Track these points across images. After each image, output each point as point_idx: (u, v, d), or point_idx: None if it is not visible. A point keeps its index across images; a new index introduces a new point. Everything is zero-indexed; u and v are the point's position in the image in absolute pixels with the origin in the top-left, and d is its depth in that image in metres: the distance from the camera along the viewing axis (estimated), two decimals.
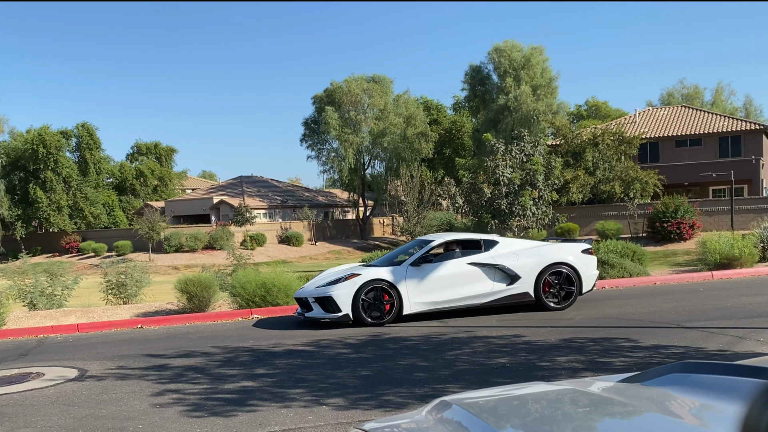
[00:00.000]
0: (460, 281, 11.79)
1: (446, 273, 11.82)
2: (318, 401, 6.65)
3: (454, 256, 12.15)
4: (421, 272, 11.76)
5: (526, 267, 11.95)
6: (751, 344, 8.23)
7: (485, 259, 11.94)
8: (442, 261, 12.01)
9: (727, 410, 1.90)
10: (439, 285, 11.74)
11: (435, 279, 11.76)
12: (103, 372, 8.86)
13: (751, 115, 73.66)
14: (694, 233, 33.19)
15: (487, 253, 12.05)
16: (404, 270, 11.76)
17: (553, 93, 57.43)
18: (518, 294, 11.92)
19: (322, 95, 60.34)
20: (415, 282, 11.66)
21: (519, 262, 11.94)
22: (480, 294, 11.81)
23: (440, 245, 12.47)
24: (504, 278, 11.89)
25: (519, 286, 11.90)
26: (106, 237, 55.23)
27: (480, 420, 2.04)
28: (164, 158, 74.73)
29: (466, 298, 11.79)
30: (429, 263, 11.89)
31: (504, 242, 12.44)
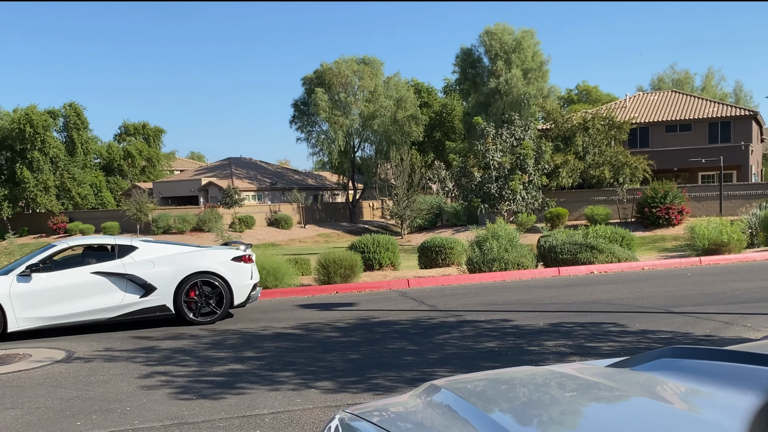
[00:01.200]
0: (83, 293, 10.45)
1: (65, 283, 10.42)
2: (307, 384, 6.65)
3: (82, 263, 10.75)
4: (33, 283, 10.30)
5: (164, 277, 10.67)
6: (738, 330, 8.29)
7: (114, 268, 10.61)
8: (62, 269, 10.59)
9: (716, 395, 1.90)
10: (56, 297, 10.35)
11: (51, 291, 10.33)
12: (90, 354, 8.82)
13: (740, 101, 73.88)
14: (683, 219, 33.41)
15: (119, 261, 10.68)
16: (10, 281, 10.23)
17: (543, 77, 57.38)
18: (154, 307, 10.66)
19: (311, 77, 60.06)
20: (23, 294, 10.18)
21: (154, 272, 10.66)
22: (108, 307, 10.51)
23: (63, 251, 10.98)
24: (137, 289, 10.61)
25: (155, 299, 10.63)
26: (93, 218, 54.99)
27: (468, 403, 2.03)
28: (152, 139, 74.28)
29: (91, 312, 10.47)
30: (45, 272, 10.44)
31: (144, 248, 10.99)
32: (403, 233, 46.82)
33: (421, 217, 47.87)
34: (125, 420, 5.83)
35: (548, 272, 15.71)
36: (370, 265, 17.78)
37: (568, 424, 1.93)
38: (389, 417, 2.17)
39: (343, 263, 15.31)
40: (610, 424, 1.84)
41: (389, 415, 2.21)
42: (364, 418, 2.13)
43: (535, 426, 1.89)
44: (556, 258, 16.47)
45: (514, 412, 2.04)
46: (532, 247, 17.92)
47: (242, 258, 11.16)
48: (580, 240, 16.82)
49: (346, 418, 2.19)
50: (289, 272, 14.85)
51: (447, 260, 18.41)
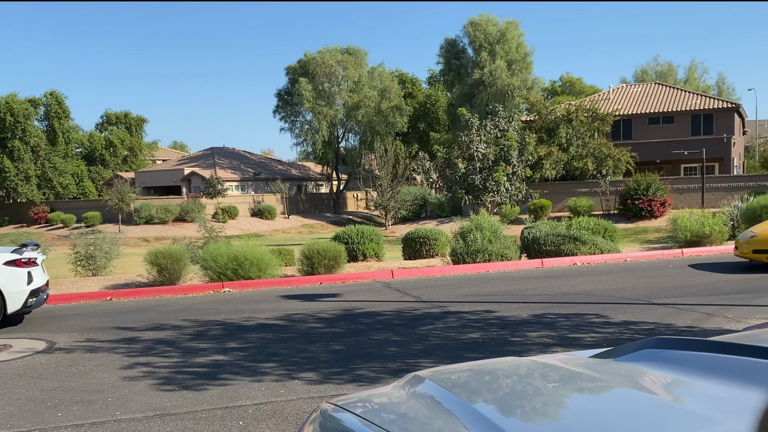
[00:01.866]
0: None
1: None
2: (290, 375, 6.63)
3: None
4: None
5: None
6: (719, 321, 8.35)
7: None
8: None
9: (700, 386, 1.90)
10: None
11: None
12: (71, 344, 8.75)
13: (723, 94, 74.37)
14: (665, 211, 33.61)
15: None
16: None
17: (527, 68, 57.46)
18: None
19: (295, 66, 59.79)
20: None
21: None
22: None
23: None
24: None
25: None
26: (75, 208, 54.51)
27: (452, 394, 2.02)
28: (134, 128, 73.69)
29: None
30: None
31: None
32: (388, 224, 46.83)
33: (405, 208, 47.88)
34: (107, 411, 5.78)
35: (532, 263, 15.77)
36: (354, 256, 17.76)
37: (552, 414, 1.93)
38: (373, 408, 2.16)
39: (326, 254, 15.28)
40: (594, 414, 1.84)
41: (373, 406, 2.20)
42: (348, 409, 2.12)
43: (519, 416, 1.88)
44: (540, 249, 16.53)
45: (498, 402, 2.04)
46: (515, 239, 17.97)
47: (16, 262, 10.14)
48: (563, 232, 16.89)
49: (329, 409, 2.17)
50: (272, 263, 14.80)
51: (431, 251, 18.43)
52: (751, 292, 10.42)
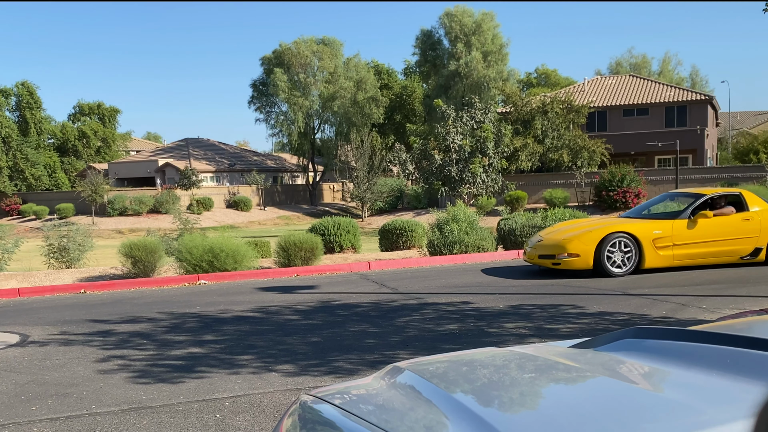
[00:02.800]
0: None
1: None
2: (267, 368, 6.60)
3: None
4: None
5: None
6: (693, 311, 8.45)
7: None
8: None
9: (679, 375, 1.91)
10: None
11: None
12: (45, 337, 8.64)
13: (697, 86, 75.18)
14: (640, 202, 33.91)
15: None
16: None
17: (503, 60, 57.67)
18: None
19: (270, 57, 59.47)
20: None
21: None
22: None
23: None
24: None
25: None
26: (47, 199, 53.87)
27: (432, 384, 2.02)
28: (107, 119, 72.92)
29: None
30: None
31: None
32: (364, 216, 46.82)
33: (381, 199, 47.91)
34: (82, 405, 5.72)
35: (508, 255, 15.84)
36: (331, 247, 17.71)
37: (532, 403, 1.93)
38: (352, 399, 2.15)
39: (303, 246, 15.22)
40: (574, 403, 1.85)
41: (352, 397, 2.19)
42: (327, 400, 2.11)
43: (499, 406, 1.88)
44: (516, 241, 16.61)
45: (478, 392, 2.04)
46: (492, 230, 18.02)
47: None
48: (539, 223, 16.97)
49: (309, 401, 2.16)
50: (248, 255, 14.71)
51: (408, 243, 18.43)
52: (725, 283, 10.56)
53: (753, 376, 1.78)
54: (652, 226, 11.83)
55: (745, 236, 11.91)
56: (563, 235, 12.05)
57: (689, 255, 11.83)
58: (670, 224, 11.81)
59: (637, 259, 11.61)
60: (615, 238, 11.55)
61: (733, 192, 12.49)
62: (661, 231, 11.73)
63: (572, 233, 12.01)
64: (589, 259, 11.56)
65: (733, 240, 11.91)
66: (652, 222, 12.01)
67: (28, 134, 60.10)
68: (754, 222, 11.95)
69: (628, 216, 13.25)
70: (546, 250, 12.10)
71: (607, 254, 11.50)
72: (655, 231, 11.71)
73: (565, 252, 11.71)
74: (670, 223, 11.82)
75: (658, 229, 11.75)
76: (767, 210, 12.10)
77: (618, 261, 11.57)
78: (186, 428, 5.02)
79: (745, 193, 12.32)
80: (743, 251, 11.96)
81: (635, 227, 11.74)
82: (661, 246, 11.69)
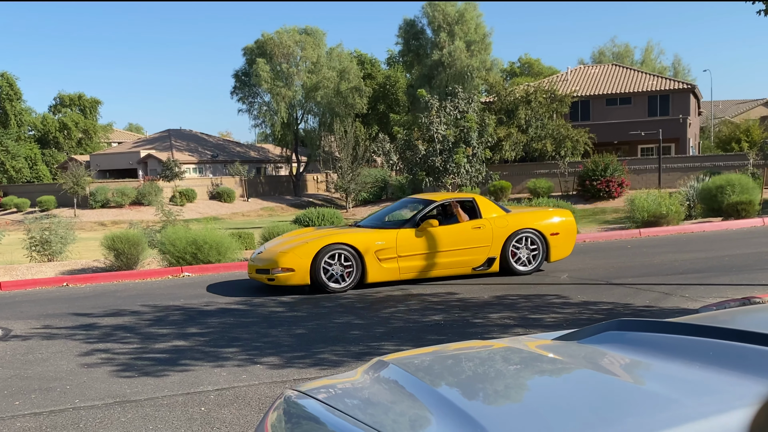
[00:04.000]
0: None
1: None
2: (252, 360, 6.59)
3: None
4: None
5: None
6: (677, 300, 8.51)
7: None
8: None
9: (661, 367, 1.93)
10: None
11: None
12: (28, 331, 8.58)
13: (679, 75, 75.57)
14: (623, 191, 34.10)
15: None
16: None
17: (486, 49, 57.70)
18: None
19: (253, 47, 59.13)
20: None
21: None
22: None
23: None
24: None
25: None
26: (29, 192, 53.37)
27: (416, 378, 2.03)
28: (88, 110, 72.30)
29: None
30: None
31: None
32: (348, 207, 46.78)
33: (366, 190, 47.86)
34: (65, 399, 5.69)
35: None
36: None
37: (515, 396, 1.94)
38: (336, 394, 2.16)
39: None
40: (557, 396, 1.86)
41: (337, 391, 2.19)
42: (312, 395, 2.11)
43: (482, 399, 1.89)
44: None
45: (462, 386, 2.05)
46: None
47: None
48: None
49: (294, 396, 2.16)
50: (232, 247, 14.66)
51: None
52: (708, 271, 10.65)
53: (734, 368, 1.80)
54: (376, 236, 10.66)
55: (478, 245, 10.99)
56: (280, 248, 10.68)
57: (416, 267, 10.78)
58: (395, 234, 10.69)
59: (359, 273, 10.43)
60: (333, 249, 10.30)
61: (467, 198, 11.49)
62: (385, 242, 10.58)
63: (289, 245, 10.68)
64: (305, 275, 10.24)
65: (465, 250, 10.96)
66: (377, 232, 10.81)
67: (8, 126, 59.49)
68: (485, 230, 11.01)
69: (365, 225, 11.81)
70: (263, 264, 10.64)
71: (323, 267, 10.27)
72: (378, 242, 10.55)
73: (278, 266, 10.33)
74: (394, 233, 10.70)
75: (382, 240, 10.59)
76: (502, 217, 11.23)
77: (336, 275, 10.34)
78: (171, 422, 5.01)
79: (479, 200, 11.40)
80: (475, 261, 11.03)
81: (356, 238, 10.55)
82: (385, 258, 10.56)
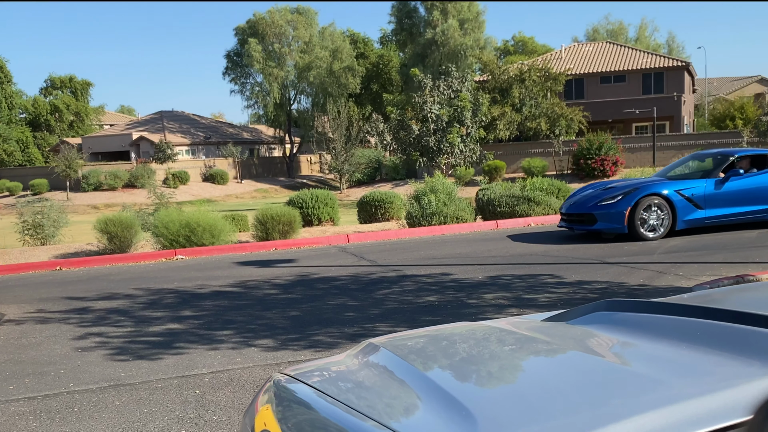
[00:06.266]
0: None
1: None
2: (246, 343, 6.60)
3: None
4: None
5: None
6: (670, 278, 8.53)
7: None
8: None
9: (649, 348, 1.93)
10: None
11: None
12: (21, 316, 8.57)
13: (673, 52, 75.37)
14: (617, 170, 34.15)
15: None
16: None
17: (480, 27, 57.41)
18: None
19: (244, 27, 58.72)
20: None
21: None
22: None
23: None
24: None
25: None
26: (20, 175, 53.13)
27: (406, 362, 2.03)
28: (80, 92, 71.86)
29: None
30: None
31: None
32: (342, 188, 46.75)
33: (359, 171, 47.81)
34: (59, 383, 5.70)
35: (487, 225, 15.90)
36: (309, 220, 17.68)
37: (504, 380, 1.95)
38: (326, 378, 2.15)
39: (281, 219, 15.18)
40: (543, 379, 1.86)
41: (326, 376, 2.19)
42: (300, 379, 2.11)
43: (472, 384, 1.89)
44: (495, 211, 16.66)
45: (451, 370, 2.05)
46: (470, 201, 18.06)
47: None
48: (517, 193, 17.03)
49: (282, 380, 2.16)
50: (225, 229, 14.65)
51: (386, 215, 18.44)
52: (702, 250, 10.67)
53: (721, 348, 1.80)
54: None
55: None
56: None
57: None
58: None
59: None
60: None
61: None
62: None
63: None
64: None
65: None
66: None
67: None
68: None
69: None
70: None
71: None
72: None
73: None
74: None
75: None
76: None
77: None
78: (165, 405, 5.02)
79: None
80: None
81: None
82: None
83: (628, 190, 11.87)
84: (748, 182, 12.06)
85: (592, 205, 12.14)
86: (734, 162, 12.46)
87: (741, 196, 12.03)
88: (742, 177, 12.08)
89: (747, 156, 12.71)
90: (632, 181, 12.83)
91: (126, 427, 4.63)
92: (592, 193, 12.58)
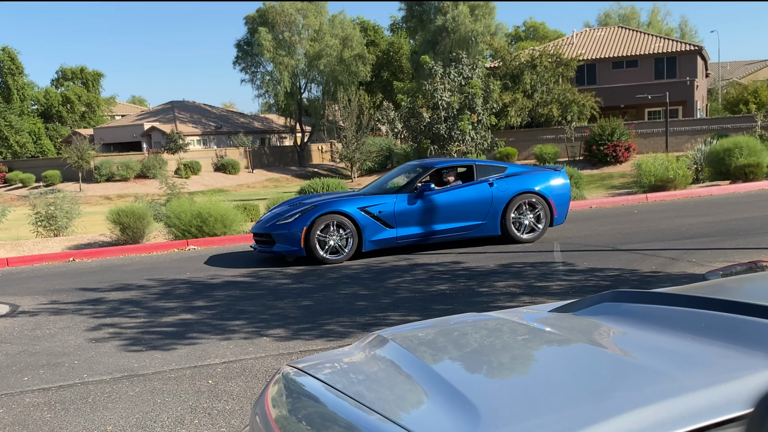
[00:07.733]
0: None
1: None
2: (259, 332, 6.65)
3: None
4: None
5: None
6: (683, 265, 8.49)
7: None
8: None
9: (653, 340, 1.94)
10: None
11: None
12: (35, 307, 8.66)
13: (686, 36, 74.66)
14: (630, 156, 33.89)
15: None
16: None
17: (491, 13, 56.98)
18: None
19: (254, 15, 58.57)
20: None
21: None
22: None
23: None
24: None
25: None
26: (33, 167, 53.38)
27: (414, 356, 2.04)
28: (91, 83, 72.01)
29: None
30: None
31: None
32: (353, 176, 46.72)
33: (371, 159, 47.73)
34: (74, 374, 5.76)
35: None
36: None
37: (508, 372, 1.96)
38: (333, 371, 2.17)
39: None
40: (547, 372, 1.88)
41: (334, 368, 2.21)
42: (309, 372, 2.13)
43: (476, 377, 1.91)
44: None
45: (457, 362, 2.07)
46: None
47: None
48: None
49: (291, 372, 2.18)
50: (237, 219, 14.70)
51: None
52: (715, 236, 10.61)
53: (726, 340, 1.81)
54: None
55: None
56: None
57: None
58: None
59: None
60: None
61: None
62: None
63: None
64: None
65: None
66: None
67: (11, 101, 59.37)
68: None
69: None
70: None
71: None
72: None
73: None
74: None
75: None
76: None
77: None
78: (179, 395, 5.07)
79: None
80: None
81: None
82: None
83: (306, 208, 10.54)
84: (443, 197, 10.88)
85: (271, 225, 10.76)
86: (435, 174, 11.32)
87: (437, 213, 10.81)
88: (436, 192, 10.85)
89: (452, 167, 11.51)
90: (320, 198, 11.41)
91: (140, 418, 4.68)
92: (280, 210, 11.20)
